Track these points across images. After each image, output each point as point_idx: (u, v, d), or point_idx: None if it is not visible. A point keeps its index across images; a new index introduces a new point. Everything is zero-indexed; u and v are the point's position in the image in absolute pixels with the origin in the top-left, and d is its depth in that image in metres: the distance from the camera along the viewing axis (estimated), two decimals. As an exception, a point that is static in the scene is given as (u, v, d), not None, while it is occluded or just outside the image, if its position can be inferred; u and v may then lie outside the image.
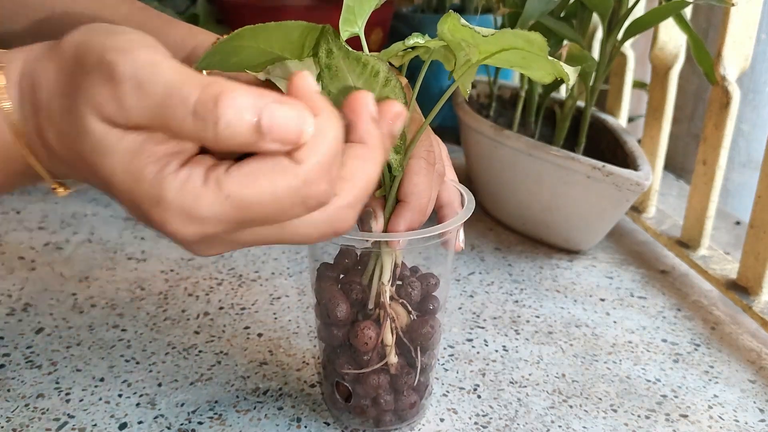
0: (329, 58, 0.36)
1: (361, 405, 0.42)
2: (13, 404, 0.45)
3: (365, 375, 0.41)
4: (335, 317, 0.40)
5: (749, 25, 0.58)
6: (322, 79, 0.36)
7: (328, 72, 0.36)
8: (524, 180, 0.64)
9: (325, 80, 0.36)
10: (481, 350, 0.52)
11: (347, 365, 0.41)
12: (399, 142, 0.37)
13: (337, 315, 0.39)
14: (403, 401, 0.42)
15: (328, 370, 0.43)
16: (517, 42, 0.34)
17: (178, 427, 0.43)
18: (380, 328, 0.39)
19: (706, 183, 0.62)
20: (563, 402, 0.47)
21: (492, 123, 0.66)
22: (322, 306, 0.40)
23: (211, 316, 0.55)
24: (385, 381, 0.41)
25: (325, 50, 0.36)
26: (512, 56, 0.35)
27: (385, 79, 0.36)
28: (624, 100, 0.76)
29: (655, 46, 0.68)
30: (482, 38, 0.34)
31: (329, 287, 0.41)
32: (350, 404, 0.42)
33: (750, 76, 0.78)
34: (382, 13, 0.88)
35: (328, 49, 0.36)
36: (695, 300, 0.61)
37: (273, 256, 0.65)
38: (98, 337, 0.52)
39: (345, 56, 0.35)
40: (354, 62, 0.35)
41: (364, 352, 0.40)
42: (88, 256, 0.64)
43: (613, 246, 0.70)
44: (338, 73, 0.36)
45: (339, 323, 0.40)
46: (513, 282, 0.62)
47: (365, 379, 0.41)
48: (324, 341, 0.42)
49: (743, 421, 0.46)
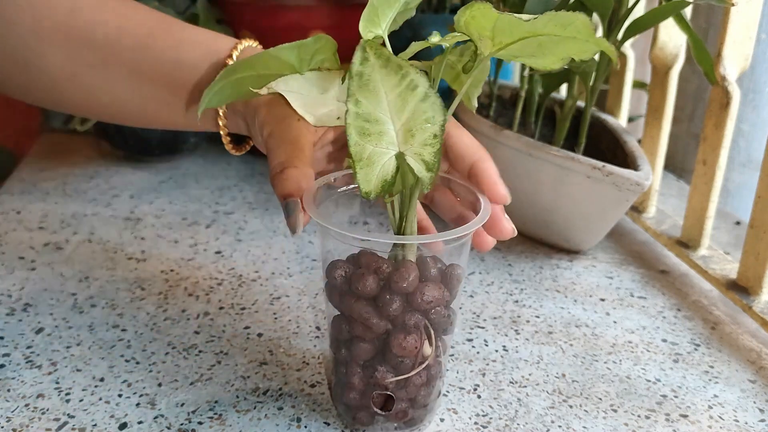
0: (363, 66, 0.34)
1: (404, 408, 0.41)
2: (13, 404, 0.45)
3: (409, 378, 0.40)
4: (373, 331, 0.38)
5: (749, 25, 0.58)
6: (350, 86, 0.34)
7: (358, 80, 0.33)
8: (524, 180, 0.64)
9: (353, 88, 0.34)
10: (481, 350, 0.52)
11: (389, 374, 0.40)
12: (432, 159, 0.35)
13: (374, 329, 0.38)
14: (434, 391, 0.42)
15: (354, 387, 0.41)
16: (547, 27, 0.32)
17: (178, 427, 0.43)
18: (419, 332, 0.38)
19: (706, 183, 0.62)
20: (563, 402, 0.47)
21: (492, 123, 0.66)
22: (351, 324, 0.39)
23: (211, 316, 0.55)
24: (425, 376, 0.40)
25: (360, 57, 0.34)
26: (527, 46, 0.33)
27: (424, 95, 0.34)
28: (624, 100, 0.76)
29: (655, 46, 0.68)
30: (509, 24, 0.32)
31: (358, 304, 0.38)
32: (391, 412, 0.41)
33: (750, 76, 0.78)
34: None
35: (364, 57, 0.33)
36: (695, 300, 0.61)
37: (273, 256, 0.65)
38: (98, 337, 0.52)
39: (383, 65, 0.33)
40: (392, 73, 0.33)
41: (407, 358, 0.39)
42: (88, 256, 0.64)
43: (613, 246, 0.70)
44: (369, 84, 0.34)
45: (373, 337, 0.39)
46: (513, 282, 0.62)
47: (409, 381, 0.40)
48: (345, 361, 0.41)
49: (743, 421, 0.46)
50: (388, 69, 0.34)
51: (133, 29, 0.46)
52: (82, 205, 0.74)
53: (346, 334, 0.40)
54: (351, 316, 0.39)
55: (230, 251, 0.66)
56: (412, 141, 0.35)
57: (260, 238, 0.68)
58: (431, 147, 0.34)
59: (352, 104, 0.33)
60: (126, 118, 0.50)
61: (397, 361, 0.39)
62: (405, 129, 0.34)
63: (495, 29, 0.33)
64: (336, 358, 0.42)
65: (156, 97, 0.47)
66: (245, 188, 0.80)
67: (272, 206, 0.76)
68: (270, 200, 0.77)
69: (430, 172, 0.35)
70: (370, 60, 0.33)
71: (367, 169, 0.34)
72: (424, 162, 0.35)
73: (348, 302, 0.39)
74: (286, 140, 0.40)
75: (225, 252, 0.65)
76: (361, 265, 0.38)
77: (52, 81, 0.47)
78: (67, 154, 0.87)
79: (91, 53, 0.46)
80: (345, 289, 0.39)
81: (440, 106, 0.34)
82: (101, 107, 0.49)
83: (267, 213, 0.74)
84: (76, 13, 0.45)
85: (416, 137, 0.34)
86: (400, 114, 0.34)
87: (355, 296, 0.38)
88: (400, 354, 0.39)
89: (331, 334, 0.42)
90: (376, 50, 0.34)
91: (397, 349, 0.39)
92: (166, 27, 0.47)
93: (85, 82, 0.47)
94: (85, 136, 0.93)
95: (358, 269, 0.38)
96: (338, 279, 0.39)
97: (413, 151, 0.35)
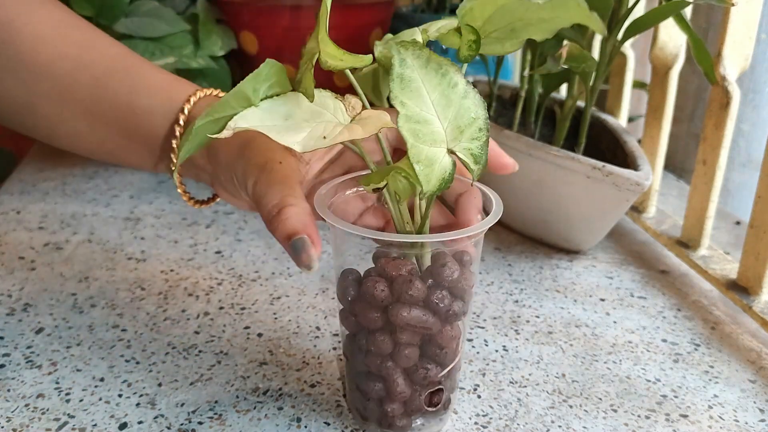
0: (402, 68, 0.34)
1: (449, 397, 0.42)
2: (13, 404, 0.45)
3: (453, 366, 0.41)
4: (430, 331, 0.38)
5: (749, 25, 0.58)
6: (393, 89, 0.34)
7: (399, 82, 0.34)
8: (524, 180, 0.64)
9: (396, 91, 0.34)
10: (481, 350, 0.52)
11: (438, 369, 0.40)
12: (480, 152, 0.36)
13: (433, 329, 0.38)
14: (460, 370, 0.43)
15: (398, 396, 0.40)
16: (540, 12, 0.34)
17: (178, 427, 0.43)
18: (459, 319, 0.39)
19: (706, 183, 0.62)
20: (563, 402, 0.47)
21: (492, 123, 0.66)
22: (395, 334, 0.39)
23: (211, 316, 0.55)
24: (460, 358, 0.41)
25: (399, 60, 0.34)
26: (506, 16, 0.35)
27: (464, 91, 0.35)
28: (624, 100, 0.76)
29: (655, 46, 0.68)
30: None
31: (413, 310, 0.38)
32: (439, 404, 0.42)
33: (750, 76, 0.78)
34: (382, 13, 0.88)
35: (401, 59, 0.34)
36: (695, 300, 0.61)
37: (273, 256, 0.65)
38: (98, 337, 0.52)
39: (424, 65, 0.34)
40: (432, 72, 0.34)
41: (448, 348, 0.39)
42: (88, 256, 0.64)
43: (613, 246, 0.70)
44: (411, 84, 0.34)
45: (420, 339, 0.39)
46: (513, 282, 0.62)
47: (452, 369, 0.41)
48: (387, 373, 0.40)
49: (743, 421, 0.46)
50: (428, 69, 0.34)
51: (91, 65, 0.45)
52: (81, 206, 0.74)
53: (389, 346, 0.39)
54: (397, 326, 0.38)
55: (230, 251, 0.66)
56: (461, 137, 0.35)
57: (260, 238, 0.68)
58: (478, 141, 0.36)
59: (399, 106, 0.34)
60: (89, 154, 0.49)
61: (442, 354, 0.40)
62: (453, 126, 0.35)
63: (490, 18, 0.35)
64: (369, 377, 0.41)
65: (112, 140, 0.46)
66: (245, 188, 0.80)
67: (272, 206, 0.75)
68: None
69: (479, 165, 0.36)
70: (408, 61, 0.34)
71: (426, 170, 0.34)
72: (473, 156, 0.36)
73: (397, 312, 0.38)
74: (274, 182, 0.39)
75: (225, 252, 0.65)
76: (394, 271, 0.38)
77: (12, 108, 0.46)
78: (67, 155, 0.87)
79: (49, 85, 0.45)
80: (389, 301, 0.38)
81: (480, 100, 0.35)
82: (62, 139, 0.48)
83: (267, 213, 0.74)
84: (39, 46, 0.44)
85: (465, 133, 0.35)
86: (446, 112, 0.35)
87: (405, 303, 0.38)
88: (446, 345, 0.39)
89: (359, 357, 0.41)
90: (414, 51, 0.34)
91: (445, 341, 0.39)
92: (126, 66, 0.45)
93: (42, 113, 0.46)
94: (85, 136, 0.93)
95: (400, 276, 0.38)
96: (381, 292, 0.38)
97: (462, 147, 0.36)
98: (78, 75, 0.45)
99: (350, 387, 0.44)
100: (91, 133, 0.46)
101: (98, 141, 0.47)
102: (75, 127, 0.46)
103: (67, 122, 0.46)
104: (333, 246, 0.42)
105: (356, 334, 0.41)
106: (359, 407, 0.43)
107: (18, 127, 0.49)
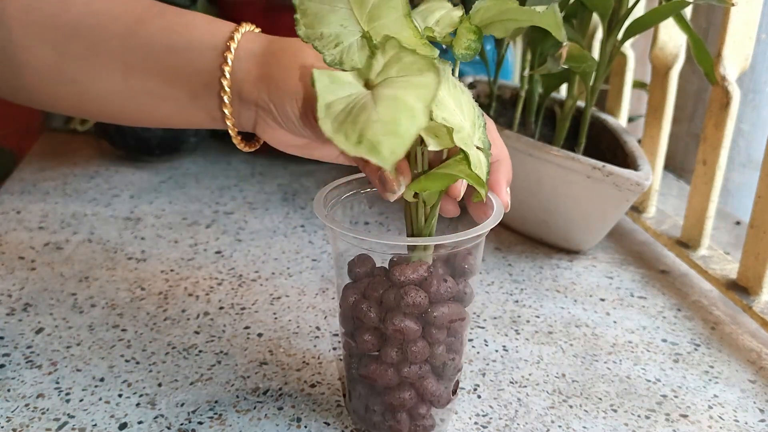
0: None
1: (458, 380, 0.43)
2: (13, 404, 0.45)
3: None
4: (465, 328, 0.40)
5: (749, 25, 0.58)
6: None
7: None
8: (524, 180, 0.64)
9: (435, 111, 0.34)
10: (481, 350, 0.52)
11: (458, 357, 0.42)
12: (486, 144, 0.37)
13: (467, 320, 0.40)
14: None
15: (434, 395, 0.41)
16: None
17: (178, 427, 0.43)
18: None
19: (706, 183, 0.62)
20: (563, 402, 0.47)
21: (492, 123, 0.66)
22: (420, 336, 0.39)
23: (211, 316, 0.55)
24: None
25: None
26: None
27: (461, 88, 0.36)
28: (624, 100, 0.76)
29: (655, 46, 0.68)
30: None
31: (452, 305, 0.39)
32: (457, 390, 0.43)
33: (750, 76, 0.77)
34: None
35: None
36: (695, 300, 0.61)
37: (273, 256, 0.65)
38: (98, 337, 0.52)
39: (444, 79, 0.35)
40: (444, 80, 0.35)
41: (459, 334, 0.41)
42: (88, 256, 0.64)
43: (613, 246, 0.70)
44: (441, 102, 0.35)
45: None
46: (513, 282, 0.62)
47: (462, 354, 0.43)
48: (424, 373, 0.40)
49: (743, 421, 0.46)
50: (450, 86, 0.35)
51: (122, 15, 0.43)
52: (82, 205, 0.74)
53: (426, 351, 0.39)
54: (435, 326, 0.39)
55: (230, 251, 0.66)
56: (476, 131, 0.37)
57: (260, 238, 0.68)
58: (482, 128, 0.37)
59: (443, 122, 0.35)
60: (116, 115, 0.47)
61: (457, 342, 0.41)
62: (470, 123, 0.36)
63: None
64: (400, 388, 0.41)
65: (147, 89, 0.44)
66: (245, 188, 0.80)
67: (272, 206, 0.76)
68: (270, 200, 0.77)
69: (488, 152, 0.38)
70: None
71: (479, 170, 0.36)
72: (484, 150, 0.37)
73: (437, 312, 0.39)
74: None
75: (225, 252, 0.65)
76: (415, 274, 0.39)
77: (37, 76, 0.45)
78: (68, 154, 0.87)
79: (79, 44, 0.43)
80: (424, 308, 0.39)
81: (464, 86, 0.37)
82: (90, 103, 0.46)
83: (267, 213, 0.74)
84: (68, 5, 0.43)
85: (476, 126, 0.37)
86: (463, 113, 0.36)
87: (439, 303, 0.39)
88: (461, 331, 0.41)
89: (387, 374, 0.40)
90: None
91: (463, 327, 0.41)
92: (161, 11, 0.44)
93: (71, 77, 0.44)
94: (85, 136, 0.93)
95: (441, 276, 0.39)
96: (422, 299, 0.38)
97: (479, 139, 0.37)
98: (110, 26, 0.43)
99: (365, 406, 0.43)
100: (124, 87, 0.44)
101: (131, 94, 0.45)
102: (106, 86, 0.45)
103: (96, 82, 0.44)
104: (333, 246, 0.42)
105: (379, 351, 0.40)
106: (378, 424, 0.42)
107: (41, 98, 0.47)
